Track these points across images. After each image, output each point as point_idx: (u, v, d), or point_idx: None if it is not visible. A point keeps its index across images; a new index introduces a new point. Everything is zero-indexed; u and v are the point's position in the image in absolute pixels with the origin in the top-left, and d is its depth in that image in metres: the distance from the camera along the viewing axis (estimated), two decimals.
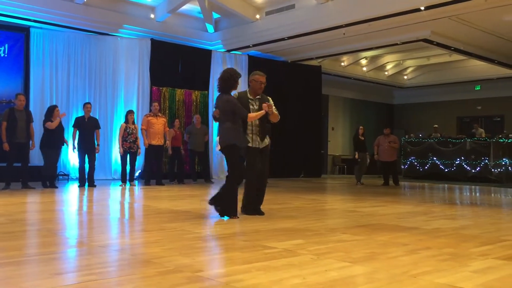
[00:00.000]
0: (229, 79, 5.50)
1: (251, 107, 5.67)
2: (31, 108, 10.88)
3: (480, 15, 11.41)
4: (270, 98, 5.89)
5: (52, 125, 9.33)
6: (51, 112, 9.56)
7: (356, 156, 12.84)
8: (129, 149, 10.39)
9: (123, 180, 10.54)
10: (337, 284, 2.68)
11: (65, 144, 9.89)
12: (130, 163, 10.52)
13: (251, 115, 5.53)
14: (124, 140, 10.36)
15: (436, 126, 17.58)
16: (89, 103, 10.41)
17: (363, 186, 12.25)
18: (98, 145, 10.18)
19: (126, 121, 10.53)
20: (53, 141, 9.45)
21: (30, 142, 9.42)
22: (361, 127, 13.13)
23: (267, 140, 5.84)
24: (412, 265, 3.17)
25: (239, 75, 5.57)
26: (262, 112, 5.60)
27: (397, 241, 4.10)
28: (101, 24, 12.60)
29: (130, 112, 10.65)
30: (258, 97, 5.79)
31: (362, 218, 5.69)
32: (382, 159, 12.71)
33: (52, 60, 12.18)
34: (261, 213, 5.72)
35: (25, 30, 11.93)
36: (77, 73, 12.53)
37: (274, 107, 5.71)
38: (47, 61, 12.11)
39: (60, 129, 9.72)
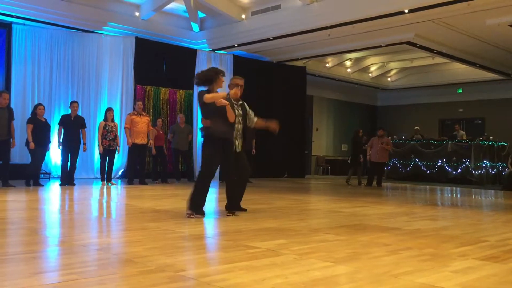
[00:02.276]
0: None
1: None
2: (13, 105, 10.70)
3: (463, 18, 11.57)
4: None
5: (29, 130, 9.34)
6: (33, 110, 9.56)
7: (362, 159, 13.16)
8: (108, 147, 10.30)
9: (103, 179, 10.44)
10: (319, 284, 2.70)
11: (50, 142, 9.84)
12: (108, 162, 10.42)
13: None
14: (104, 138, 10.26)
15: (418, 127, 17.76)
16: (75, 102, 10.29)
17: (351, 187, 12.39)
18: (85, 144, 10.09)
19: (105, 119, 10.43)
20: (40, 139, 9.36)
21: (11, 140, 9.29)
22: (360, 129, 13.43)
23: None
24: (394, 265, 3.20)
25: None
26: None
27: (379, 241, 4.13)
28: (85, 21, 12.48)
29: (109, 110, 10.56)
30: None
31: (345, 218, 5.73)
32: (373, 160, 12.83)
33: (34, 57, 12.02)
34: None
35: (7, 26, 11.75)
36: (60, 71, 12.39)
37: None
38: (29, 58, 11.95)
39: (46, 127, 9.64)
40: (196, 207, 5.32)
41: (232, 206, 5.74)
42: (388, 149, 12.86)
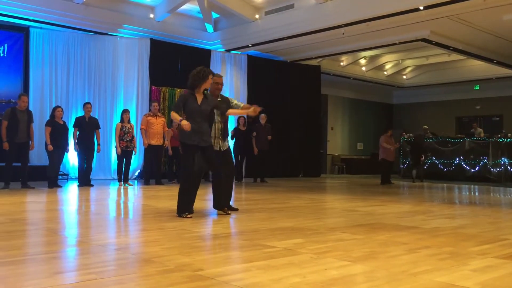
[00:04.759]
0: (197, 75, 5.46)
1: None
2: (31, 108, 10.82)
3: (479, 14, 11.42)
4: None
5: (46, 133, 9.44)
6: (52, 112, 9.69)
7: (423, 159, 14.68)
8: (125, 148, 10.37)
9: (120, 179, 10.50)
10: (337, 283, 2.69)
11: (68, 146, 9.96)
12: (125, 163, 10.49)
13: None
14: (121, 139, 10.34)
15: (426, 126, 17.43)
16: (89, 103, 10.40)
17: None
18: (99, 144, 10.20)
19: (122, 120, 10.50)
20: (58, 141, 9.48)
21: (30, 142, 9.42)
22: (422, 134, 14.78)
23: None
24: (412, 264, 3.18)
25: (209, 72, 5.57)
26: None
27: (397, 240, 4.10)
28: (101, 24, 12.60)
29: (125, 111, 10.63)
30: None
31: (362, 217, 5.70)
32: (389, 159, 12.90)
33: (51, 60, 12.18)
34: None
35: (25, 30, 11.92)
36: (76, 73, 12.53)
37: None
38: (46, 61, 12.10)
39: (65, 129, 9.75)
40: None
41: (220, 204, 5.70)
42: (397, 147, 13.51)
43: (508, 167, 15.32)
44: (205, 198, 6.68)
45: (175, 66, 13.83)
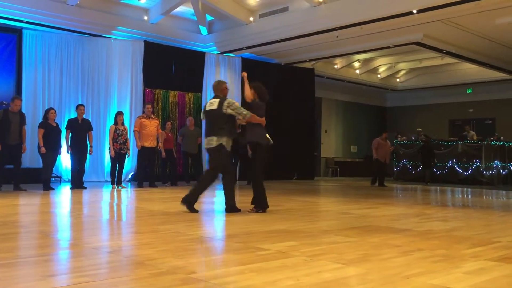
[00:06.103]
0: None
1: None
2: (24, 110, 10.77)
3: (472, 18, 11.51)
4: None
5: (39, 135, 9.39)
6: (45, 114, 9.63)
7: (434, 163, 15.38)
8: (119, 150, 10.33)
9: (114, 182, 10.46)
10: (330, 285, 2.69)
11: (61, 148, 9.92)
12: (119, 165, 10.46)
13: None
14: (115, 141, 10.30)
15: (420, 129, 17.56)
16: (82, 105, 10.36)
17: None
18: (91, 146, 10.15)
19: (115, 123, 10.46)
20: (51, 143, 9.44)
21: (22, 144, 9.36)
22: (430, 137, 15.44)
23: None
24: (405, 267, 3.19)
25: None
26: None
27: (390, 242, 4.11)
28: (94, 26, 12.58)
29: (119, 114, 10.59)
30: None
31: (355, 220, 5.71)
32: (382, 159, 13.13)
33: (44, 62, 12.13)
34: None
35: (18, 32, 11.87)
36: (69, 75, 12.49)
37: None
38: (39, 63, 12.05)
39: (58, 131, 9.70)
40: (264, 205, 6.14)
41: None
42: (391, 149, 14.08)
43: (501, 170, 15.44)
44: (199, 200, 6.67)
45: (169, 68, 13.82)
